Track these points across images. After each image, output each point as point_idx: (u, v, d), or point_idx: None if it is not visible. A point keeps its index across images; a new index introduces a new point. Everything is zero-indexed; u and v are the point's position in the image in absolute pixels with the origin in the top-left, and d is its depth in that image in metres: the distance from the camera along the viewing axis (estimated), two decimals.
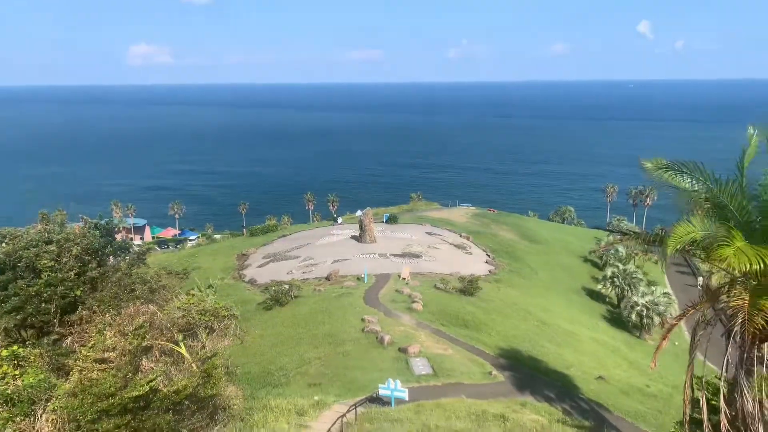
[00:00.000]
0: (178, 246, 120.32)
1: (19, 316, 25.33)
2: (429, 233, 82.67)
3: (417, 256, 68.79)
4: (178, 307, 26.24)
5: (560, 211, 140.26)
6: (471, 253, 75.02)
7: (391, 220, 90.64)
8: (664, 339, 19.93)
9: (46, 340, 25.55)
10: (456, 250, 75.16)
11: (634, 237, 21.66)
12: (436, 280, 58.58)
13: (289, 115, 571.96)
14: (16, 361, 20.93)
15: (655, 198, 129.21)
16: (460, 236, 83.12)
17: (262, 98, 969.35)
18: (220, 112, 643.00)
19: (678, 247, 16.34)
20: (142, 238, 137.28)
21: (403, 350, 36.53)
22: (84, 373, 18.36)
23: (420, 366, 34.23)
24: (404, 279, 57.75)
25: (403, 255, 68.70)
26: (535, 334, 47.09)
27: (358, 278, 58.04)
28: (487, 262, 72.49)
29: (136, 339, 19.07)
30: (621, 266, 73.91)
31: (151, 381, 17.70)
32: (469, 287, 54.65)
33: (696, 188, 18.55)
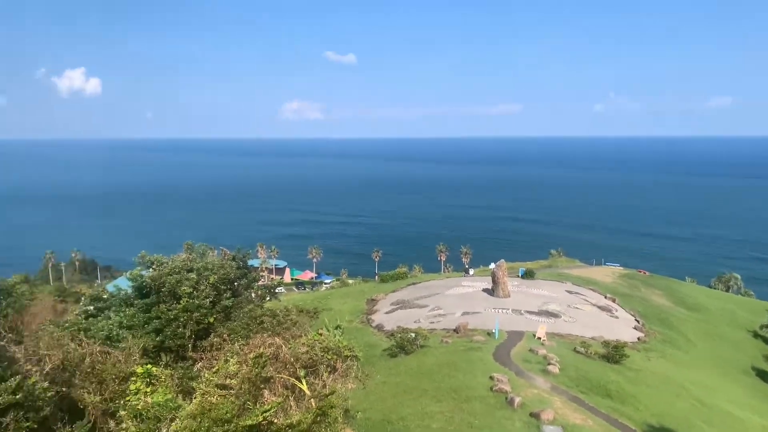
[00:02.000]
0: (313, 288, 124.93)
1: (158, 338, 26.95)
2: (569, 291, 78.01)
3: (555, 315, 64.77)
4: (303, 343, 26.36)
5: (724, 278, 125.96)
6: (617, 317, 69.24)
7: (528, 275, 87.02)
8: None
9: (180, 364, 26.83)
10: (600, 312, 69.79)
11: None
12: (576, 343, 54.41)
13: (433, 168, 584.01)
14: (149, 379, 21.95)
15: None
16: (605, 297, 77.55)
17: (405, 151, 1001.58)
18: (365, 164, 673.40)
19: None
20: (282, 279, 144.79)
21: (534, 415, 33.66)
22: (205, 396, 18.65)
23: None
24: (540, 339, 54.31)
25: (539, 313, 65.05)
26: (692, 415, 41.41)
27: (488, 333, 55.60)
28: (635, 328, 66.46)
29: (257, 367, 19.11)
30: None
31: (266, 411, 17.48)
32: (614, 354, 50.06)
33: None
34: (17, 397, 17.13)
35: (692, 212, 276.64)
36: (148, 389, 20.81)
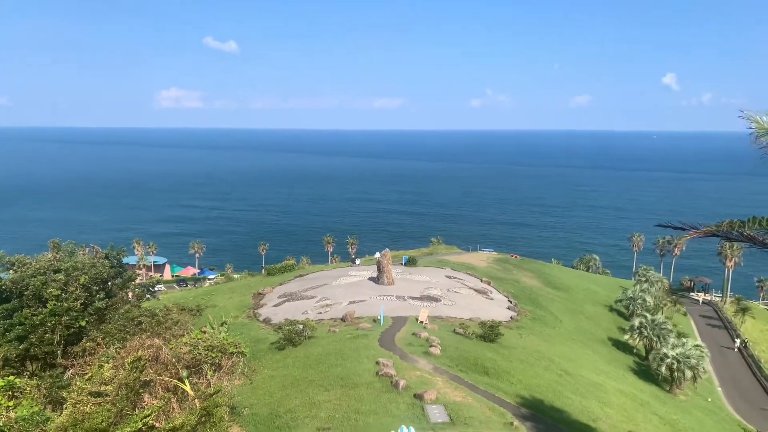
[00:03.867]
0: (196, 284, 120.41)
1: (22, 346, 24.70)
2: (449, 277, 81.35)
3: (436, 299, 67.42)
4: (185, 343, 25.47)
5: (585, 259, 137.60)
6: (492, 299, 73.36)
7: (410, 262, 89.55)
8: None
9: (48, 373, 24.81)
10: (476, 294, 73.57)
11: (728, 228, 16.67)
12: (456, 325, 57.09)
13: (313, 161, 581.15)
14: (11, 392, 20.13)
15: (683, 248, 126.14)
16: (481, 281, 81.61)
17: (287, 143, 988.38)
18: (244, 155, 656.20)
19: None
20: (161, 276, 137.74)
21: (418, 396, 34.93)
22: (78, 406, 17.46)
23: (436, 413, 32.54)
24: (422, 322, 56.27)
25: (421, 298, 67.38)
26: (559, 384, 45.02)
27: (374, 320, 56.76)
28: (508, 308, 70.77)
29: (134, 372, 18.18)
30: (649, 316, 71.45)
31: (146, 416, 16.70)
32: (489, 333, 53.18)
33: None
34: None
35: (558, 199, 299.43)
36: (11, 403, 19.06)
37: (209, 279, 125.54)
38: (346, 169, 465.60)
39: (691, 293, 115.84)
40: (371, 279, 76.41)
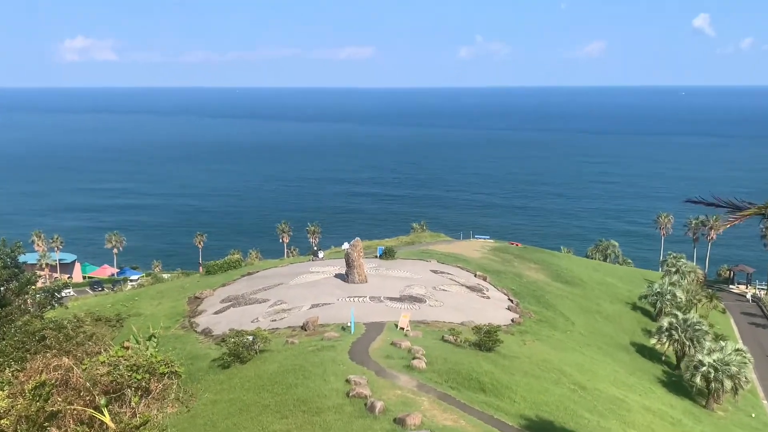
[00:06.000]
0: (115, 287, 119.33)
1: None
2: (435, 271, 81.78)
3: (419, 300, 67.82)
4: (103, 362, 25.16)
5: (601, 246, 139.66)
6: (489, 297, 74.05)
7: (387, 254, 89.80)
8: None
9: None
10: (470, 293, 74.20)
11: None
12: (444, 331, 57.35)
13: (263, 128, 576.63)
14: None
15: (720, 232, 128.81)
16: (475, 276, 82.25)
17: (228, 106, 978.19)
18: (174, 122, 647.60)
19: None
20: (70, 278, 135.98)
21: (399, 421, 35.13)
22: None
23: None
24: (402, 329, 56.50)
25: (401, 299, 67.70)
26: (572, 401, 45.82)
27: (342, 327, 56.85)
28: (509, 308, 71.51)
29: (37, 401, 17.89)
30: (680, 315, 72.85)
31: None
32: (486, 340, 53.48)
33: None
34: None
35: (568, 171, 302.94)
36: None
37: (131, 281, 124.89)
38: (304, 140, 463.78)
39: (731, 285, 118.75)
40: (338, 276, 76.40)
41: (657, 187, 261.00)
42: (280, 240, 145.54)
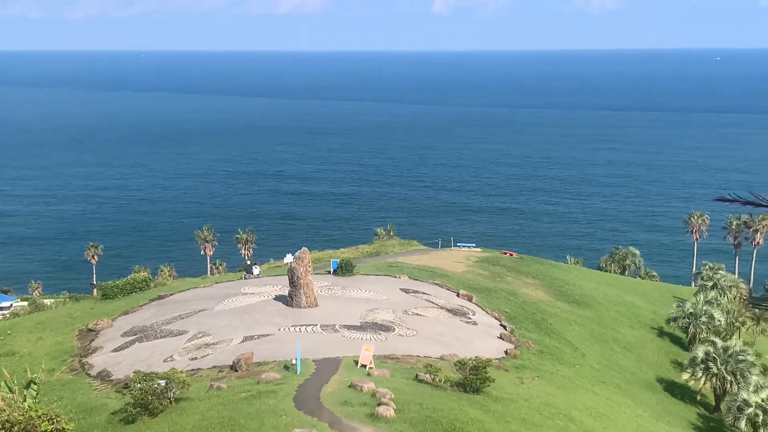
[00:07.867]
0: None
1: None
2: (406, 290, 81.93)
3: (386, 328, 67.67)
4: None
5: (618, 255, 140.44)
6: (475, 323, 74.17)
7: (344, 269, 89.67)
8: None
9: None
10: (451, 317, 74.22)
11: None
12: (419, 368, 57.11)
13: (172, 104, 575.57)
14: None
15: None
16: (458, 295, 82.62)
17: (127, 75, 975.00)
18: (55, 96, 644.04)
19: None
20: None
21: None
22: None
23: None
24: (364, 366, 56.25)
25: (362, 327, 67.50)
26: None
27: (286, 366, 56.52)
28: (501, 337, 71.68)
29: None
30: (719, 343, 73.23)
31: None
32: (472, 379, 53.05)
33: None
34: None
35: (572, 160, 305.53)
36: None
37: (1, 309, 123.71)
38: (231, 119, 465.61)
39: None
40: (279, 299, 76.50)
41: (689, 182, 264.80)
42: (202, 252, 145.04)
